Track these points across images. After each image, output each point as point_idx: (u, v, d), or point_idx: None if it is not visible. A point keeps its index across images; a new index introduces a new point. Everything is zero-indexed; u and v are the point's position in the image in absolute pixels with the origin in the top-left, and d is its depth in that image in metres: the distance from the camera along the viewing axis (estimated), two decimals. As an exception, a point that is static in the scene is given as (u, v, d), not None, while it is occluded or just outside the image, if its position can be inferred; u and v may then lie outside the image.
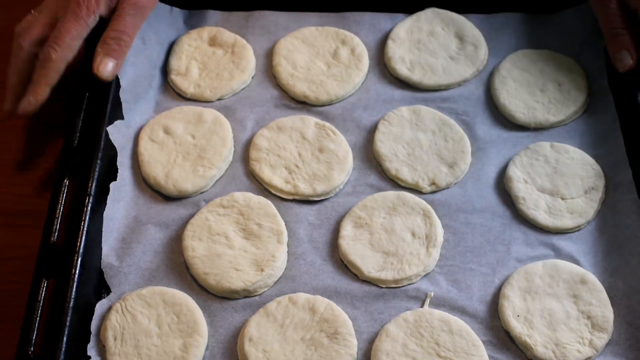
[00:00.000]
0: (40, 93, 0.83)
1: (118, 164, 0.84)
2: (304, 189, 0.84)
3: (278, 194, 0.85)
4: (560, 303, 0.76)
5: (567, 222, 0.81)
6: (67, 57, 0.83)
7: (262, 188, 0.86)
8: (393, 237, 0.81)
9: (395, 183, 0.86)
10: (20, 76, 0.85)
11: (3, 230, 0.85)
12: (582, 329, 0.75)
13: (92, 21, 0.85)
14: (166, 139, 0.88)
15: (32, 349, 0.71)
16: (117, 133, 0.85)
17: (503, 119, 0.90)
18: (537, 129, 0.89)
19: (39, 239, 0.77)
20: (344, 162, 0.86)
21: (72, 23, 0.83)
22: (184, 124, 0.89)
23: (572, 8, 0.95)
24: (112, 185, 0.82)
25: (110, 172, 0.83)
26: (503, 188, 0.85)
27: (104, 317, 0.76)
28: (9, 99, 0.85)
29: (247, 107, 0.91)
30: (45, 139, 0.91)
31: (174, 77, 0.93)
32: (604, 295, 0.76)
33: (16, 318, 0.73)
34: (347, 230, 0.82)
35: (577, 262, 0.79)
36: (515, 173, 0.85)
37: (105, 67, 0.84)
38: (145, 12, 0.89)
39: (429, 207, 0.83)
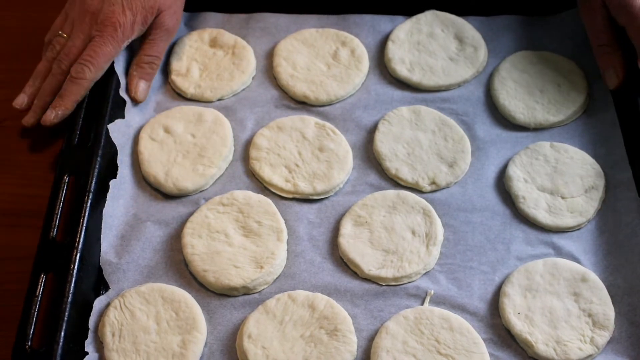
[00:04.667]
0: (67, 107, 0.86)
1: (118, 162, 0.84)
2: (304, 187, 0.84)
3: (278, 192, 0.85)
4: (561, 301, 0.76)
5: (568, 220, 0.81)
6: (97, 77, 0.87)
7: (262, 187, 0.86)
8: (393, 236, 0.81)
9: (395, 182, 0.86)
10: (52, 91, 0.87)
11: (3, 230, 0.85)
12: (583, 327, 0.74)
13: (124, 45, 0.88)
14: (166, 138, 0.88)
15: (29, 343, 0.71)
16: (118, 131, 0.86)
17: (503, 120, 0.90)
18: (536, 129, 0.89)
19: (39, 239, 0.77)
20: (344, 162, 0.86)
21: (108, 46, 0.86)
22: (184, 123, 0.89)
23: (571, 10, 0.96)
24: (112, 182, 0.82)
25: (111, 170, 0.83)
26: (503, 187, 0.85)
27: (102, 314, 0.76)
28: (35, 111, 0.88)
29: (247, 108, 0.92)
30: (45, 138, 0.91)
31: (175, 78, 0.93)
32: (604, 293, 0.76)
33: (16, 318, 0.72)
34: (347, 228, 0.81)
35: (577, 260, 0.79)
36: (515, 172, 0.85)
37: (142, 90, 0.89)
38: (173, 35, 0.93)
39: (429, 206, 0.82)
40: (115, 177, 0.83)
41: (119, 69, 0.89)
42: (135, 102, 0.89)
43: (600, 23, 0.87)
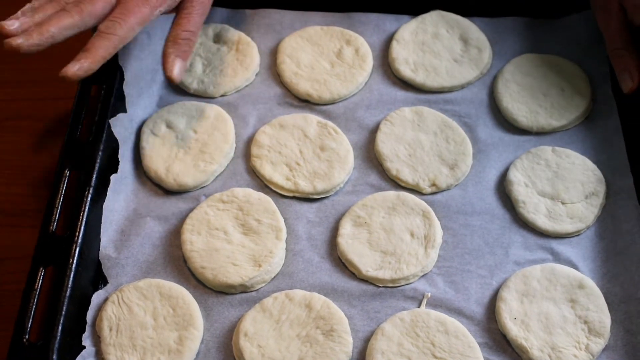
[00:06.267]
0: (94, 61, 0.76)
1: (120, 156, 0.84)
2: (305, 186, 0.84)
3: (278, 190, 0.85)
4: (557, 307, 0.76)
5: (567, 226, 0.81)
6: (127, 38, 0.79)
7: (263, 184, 0.86)
8: (392, 237, 0.81)
9: (395, 183, 0.86)
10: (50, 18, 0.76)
11: (3, 230, 0.85)
12: (579, 334, 0.74)
13: (157, 13, 0.81)
14: (168, 133, 0.88)
15: (27, 336, 0.71)
16: (120, 126, 0.86)
17: (505, 122, 0.90)
18: (539, 133, 0.89)
19: (39, 233, 0.77)
20: (344, 161, 0.86)
21: (141, 7, 0.78)
22: (187, 118, 0.89)
23: (578, 13, 0.96)
24: (113, 177, 0.82)
25: (112, 165, 0.83)
26: (503, 191, 0.85)
27: (100, 308, 0.76)
28: (28, 35, 0.74)
29: (250, 104, 0.92)
30: (45, 138, 0.91)
31: (178, 73, 0.93)
32: (601, 300, 0.76)
33: (15, 318, 0.73)
34: (346, 228, 0.82)
35: (575, 266, 0.79)
36: (516, 176, 0.84)
37: (179, 70, 0.81)
38: (208, 9, 0.86)
39: (429, 208, 0.83)
40: (117, 172, 0.83)
41: (122, 62, 0.89)
42: (172, 82, 0.81)
43: (617, 26, 0.86)
